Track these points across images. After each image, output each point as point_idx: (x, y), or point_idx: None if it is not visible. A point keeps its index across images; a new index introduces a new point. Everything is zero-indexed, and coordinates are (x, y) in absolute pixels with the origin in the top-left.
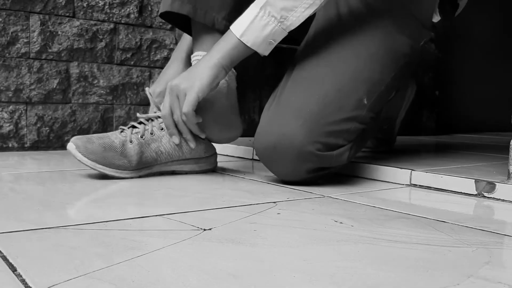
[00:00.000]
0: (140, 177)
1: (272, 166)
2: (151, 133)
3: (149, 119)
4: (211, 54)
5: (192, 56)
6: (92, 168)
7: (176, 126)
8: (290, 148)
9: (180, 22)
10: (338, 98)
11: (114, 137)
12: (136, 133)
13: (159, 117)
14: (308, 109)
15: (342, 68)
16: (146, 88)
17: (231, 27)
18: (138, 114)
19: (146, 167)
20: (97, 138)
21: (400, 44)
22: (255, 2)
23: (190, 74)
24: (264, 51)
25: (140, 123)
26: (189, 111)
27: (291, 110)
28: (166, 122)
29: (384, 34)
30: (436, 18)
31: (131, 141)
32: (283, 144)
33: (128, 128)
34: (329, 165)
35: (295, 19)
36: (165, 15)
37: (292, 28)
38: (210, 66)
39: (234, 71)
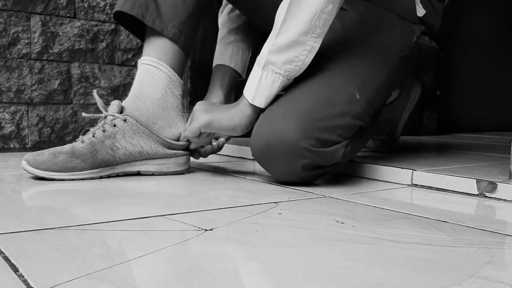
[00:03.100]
0: (101, 177)
1: (267, 165)
2: (104, 131)
3: (99, 118)
4: (231, 115)
5: (139, 60)
6: (47, 178)
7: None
8: (283, 144)
9: (133, 26)
10: (329, 94)
11: (67, 145)
12: (87, 134)
13: (110, 115)
14: (299, 106)
15: (331, 67)
16: (94, 91)
17: (244, 92)
18: (83, 114)
19: (107, 166)
20: (48, 149)
21: (390, 42)
22: (256, 61)
23: (213, 111)
24: None
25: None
26: (188, 136)
27: (282, 108)
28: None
29: (372, 34)
30: (421, 12)
31: (82, 142)
32: (276, 141)
33: (82, 134)
34: (324, 162)
35: (299, 69)
36: (118, 17)
37: (299, 74)
38: (230, 122)
39: (181, 80)
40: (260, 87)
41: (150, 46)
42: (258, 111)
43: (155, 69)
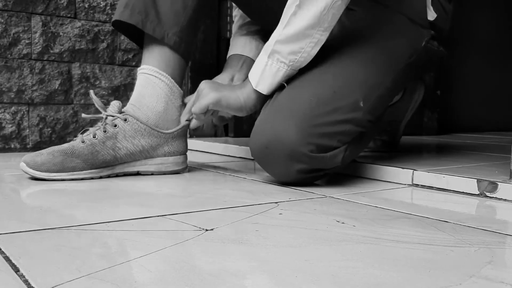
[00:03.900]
0: (101, 177)
1: (266, 166)
2: (104, 131)
3: (100, 119)
4: (238, 95)
5: (139, 69)
6: (48, 179)
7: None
8: (282, 148)
9: (133, 33)
10: (333, 100)
11: (65, 144)
12: (87, 134)
13: (110, 116)
14: (302, 110)
15: (337, 72)
16: (91, 92)
17: (249, 76)
18: (83, 115)
19: (107, 167)
20: (46, 149)
21: (399, 47)
22: (263, 48)
23: (221, 90)
24: None
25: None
26: (196, 112)
27: (284, 110)
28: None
29: (380, 38)
30: (432, 16)
31: (83, 141)
32: (275, 144)
33: (81, 133)
34: (323, 166)
35: (304, 60)
36: (117, 25)
37: (304, 65)
38: (237, 102)
39: (181, 90)
40: (264, 74)
41: (151, 55)
42: (262, 97)
43: (157, 80)
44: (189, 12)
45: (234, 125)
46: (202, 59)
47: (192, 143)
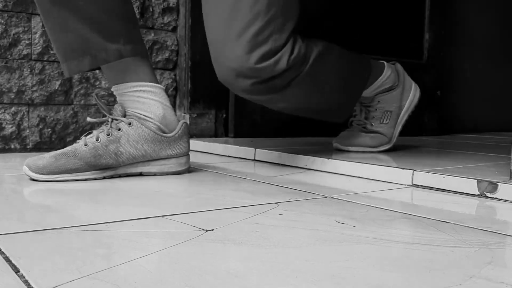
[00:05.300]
0: (104, 178)
1: (229, 85)
2: (108, 134)
3: (105, 122)
4: None
5: (113, 89)
6: (51, 181)
7: None
8: (231, 69)
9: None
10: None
11: (68, 147)
12: (90, 137)
13: (115, 119)
14: (239, 25)
15: None
16: (94, 95)
17: None
18: (88, 119)
19: (110, 168)
20: (49, 153)
21: None
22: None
23: None
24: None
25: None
26: None
27: (221, 36)
28: None
29: None
30: None
31: (86, 144)
32: (227, 67)
33: (84, 135)
34: (271, 74)
35: None
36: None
37: None
38: None
39: (160, 85)
40: None
41: (117, 72)
42: None
43: (140, 93)
44: (120, 12)
45: (234, 125)
46: (202, 59)
47: (192, 143)
